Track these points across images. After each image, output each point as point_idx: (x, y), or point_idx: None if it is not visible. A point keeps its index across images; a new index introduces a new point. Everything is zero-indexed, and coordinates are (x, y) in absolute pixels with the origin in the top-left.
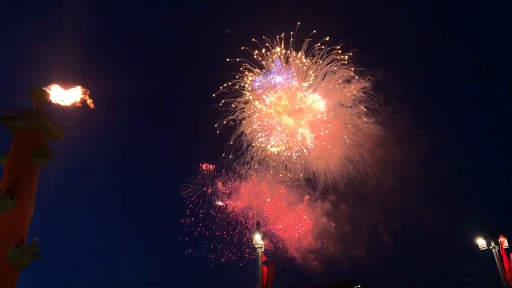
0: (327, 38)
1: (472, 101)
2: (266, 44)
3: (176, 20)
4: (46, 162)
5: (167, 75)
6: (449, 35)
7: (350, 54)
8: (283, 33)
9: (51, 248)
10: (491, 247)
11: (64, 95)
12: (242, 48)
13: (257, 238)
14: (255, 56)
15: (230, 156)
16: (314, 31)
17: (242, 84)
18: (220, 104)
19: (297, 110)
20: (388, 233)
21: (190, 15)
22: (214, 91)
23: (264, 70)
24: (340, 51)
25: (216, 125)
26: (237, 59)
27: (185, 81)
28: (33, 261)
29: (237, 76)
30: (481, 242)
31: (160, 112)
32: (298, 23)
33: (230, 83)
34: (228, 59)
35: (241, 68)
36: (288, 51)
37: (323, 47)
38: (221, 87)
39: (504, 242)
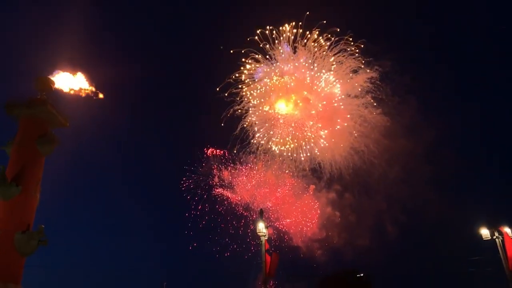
0: (338, 29)
1: (479, 91)
2: (274, 36)
3: (184, 10)
4: (51, 150)
5: (173, 64)
6: (458, 26)
7: (362, 46)
8: (293, 22)
9: (57, 236)
10: (494, 237)
11: (72, 83)
12: (248, 39)
13: (261, 226)
14: (261, 45)
15: (235, 149)
16: (324, 21)
17: (240, 76)
18: (226, 94)
19: (303, 99)
20: (392, 223)
21: (197, 6)
22: (221, 82)
23: (267, 57)
24: (352, 42)
25: (222, 117)
26: (243, 51)
27: (192, 72)
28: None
29: (241, 68)
30: (484, 232)
31: (166, 102)
32: (307, 13)
33: (233, 76)
34: (231, 51)
35: (243, 59)
36: (297, 40)
37: (332, 38)
38: (226, 79)
39: (508, 232)
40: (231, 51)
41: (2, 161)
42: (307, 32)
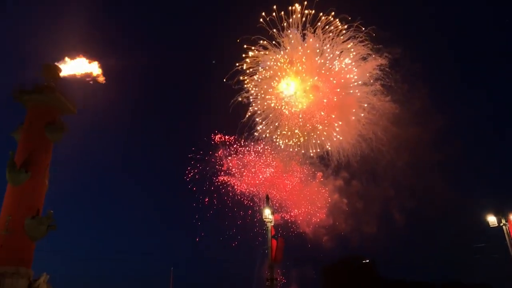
0: (349, 18)
1: (487, 80)
2: (283, 24)
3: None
4: (60, 137)
5: (181, 51)
6: (468, 13)
7: (374, 34)
8: (305, 1)
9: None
10: (501, 224)
11: (79, 68)
12: (258, 25)
13: (267, 213)
14: (270, 33)
15: (243, 136)
16: (334, 9)
17: (242, 64)
18: (234, 81)
19: (312, 87)
20: (399, 210)
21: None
22: (229, 70)
23: (274, 43)
24: (362, 28)
25: (230, 104)
26: (252, 38)
27: (199, 61)
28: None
29: (243, 55)
30: (491, 219)
31: (173, 88)
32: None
33: (239, 66)
34: (238, 40)
35: (245, 45)
36: (306, 27)
37: (342, 25)
38: (234, 67)
39: None
40: (237, 40)
41: (11, 147)
42: (320, 13)
